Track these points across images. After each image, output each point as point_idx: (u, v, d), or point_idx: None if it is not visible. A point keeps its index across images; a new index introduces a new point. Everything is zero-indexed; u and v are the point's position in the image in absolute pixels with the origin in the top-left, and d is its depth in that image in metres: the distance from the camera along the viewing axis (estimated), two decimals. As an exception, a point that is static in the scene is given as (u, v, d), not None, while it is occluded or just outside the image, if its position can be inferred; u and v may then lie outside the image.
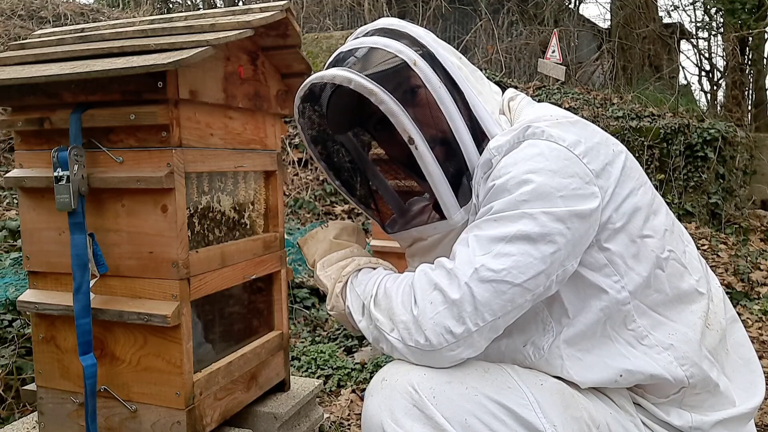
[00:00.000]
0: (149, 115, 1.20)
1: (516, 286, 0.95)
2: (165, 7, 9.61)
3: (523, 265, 0.95)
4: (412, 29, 1.11)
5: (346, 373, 2.45)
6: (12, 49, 1.46)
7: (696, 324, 1.07)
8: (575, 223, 0.97)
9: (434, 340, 0.97)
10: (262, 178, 1.58)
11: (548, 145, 1.00)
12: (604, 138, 1.07)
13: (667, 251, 1.06)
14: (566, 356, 1.05)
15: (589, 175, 0.99)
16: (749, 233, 5.33)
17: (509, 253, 0.95)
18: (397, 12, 8.79)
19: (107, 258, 1.26)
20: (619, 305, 1.03)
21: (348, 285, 1.14)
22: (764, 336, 3.08)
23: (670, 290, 1.06)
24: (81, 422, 1.32)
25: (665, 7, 19.68)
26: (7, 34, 4.90)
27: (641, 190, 1.05)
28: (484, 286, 0.95)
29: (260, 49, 1.50)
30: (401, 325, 1.00)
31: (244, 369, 1.46)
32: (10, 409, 1.96)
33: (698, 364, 1.05)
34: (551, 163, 0.98)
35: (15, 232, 2.98)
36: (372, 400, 1.02)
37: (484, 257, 0.96)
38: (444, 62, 1.08)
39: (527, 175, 0.97)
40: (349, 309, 1.11)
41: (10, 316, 2.23)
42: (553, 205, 0.96)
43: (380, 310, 1.05)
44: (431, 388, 0.98)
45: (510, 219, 0.97)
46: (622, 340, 1.05)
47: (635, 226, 1.03)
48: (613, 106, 5.95)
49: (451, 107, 1.06)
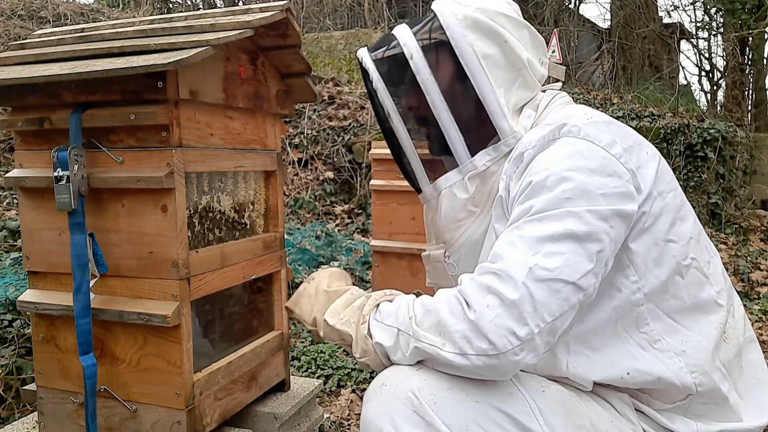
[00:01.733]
0: (149, 115, 1.20)
1: (570, 284, 0.93)
2: (165, 7, 9.60)
3: (574, 263, 0.94)
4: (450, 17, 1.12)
5: (346, 373, 2.45)
6: (12, 49, 1.46)
7: (712, 334, 1.05)
8: (617, 222, 0.97)
9: (499, 343, 0.91)
10: (262, 178, 1.58)
11: (585, 144, 1.00)
12: (638, 140, 1.08)
13: (689, 259, 1.05)
14: (573, 352, 1.04)
15: (627, 174, 0.99)
16: (749, 233, 5.33)
17: (559, 251, 0.94)
18: (397, 12, 8.78)
19: (107, 258, 1.26)
20: (632, 306, 1.02)
21: (372, 323, 1.06)
22: (764, 336, 3.08)
23: (688, 298, 1.05)
24: (81, 422, 1.32)
25: (665, 7, 19.69)
26: (7, 34, 4.90)
27: (671, 195, 1.05)
28: (540, 285, 0.92)
29: (260, 49, 1.50)
30: (457, 335, 0.94)
31: (244, 369, 1.46)
32: (10, 409, 1.96)
33: (708, 374, 1.03)
34: (590, 161, 0.98)
35: (15, 232, 2.98)
36: (371, 406, 1.00)
37: (535, 257, 0.94)
38: (462, 54, 1.10)
39: (567, 173, 0.97)
40: (381, 347, 1.03)
41: (10, 316, 2.22)
42: (596, 203, 0.96)
43: (425, 328, 0.98)
44: (432, 394, 0.96)
45: (555, 218, 0.96)
46: (633, 341, 1.04)
47: (661, 229, 1.02)
48: (613, 106, 5.95)
49: (437, 98, 1.12)
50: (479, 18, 1.11)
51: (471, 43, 1.10)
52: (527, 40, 1.16)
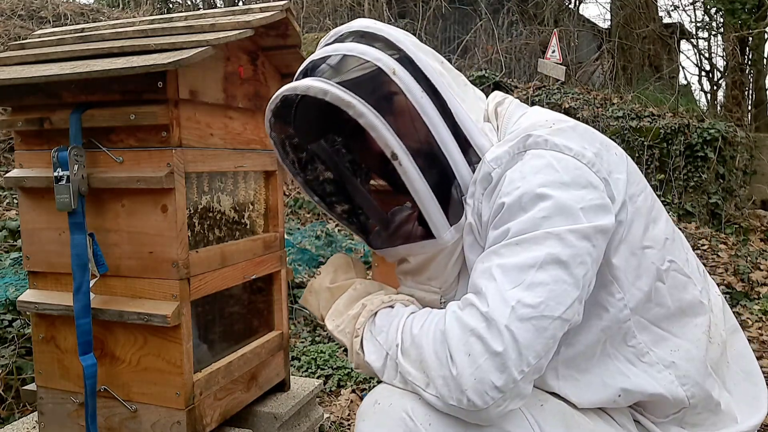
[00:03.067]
0: (149, 115, 1.20)
1: (556, 319, 0.86)
2: (165, 7, 9.60)
3: (559, 293, 0.86)
4: (388, 32, 1.01)
5: (346, 373, 2.45)
6: (12, 49, 1.46)
7: (701, 340, 1.01)
8: (599, 239, 0.90)
9: (478, 401, 0.85)
10: (262, 178, 1.58)
11: (554, 155, 0.93)
12: (605, 142, 1.01)
13: (667, 262, 0.99)
14: (562, 376, 1.00)
15: (601, 184, 0.93)
16: (749, 233, 5.33)
17: (543, 281, 0.86)
18: (397, 12, 8.78)
19: (107, 258, 1.26)
20: (619, 323, 0.97)
21: (365, 336, 1.01)
22: (764, 336, 3.08)
23: (672, 303, 1.00)
24: (81, 422, 1.32)
25: (665, 7, 19.68)
26: (7, 34, 4.90)
27: (641, 197, 0.99)
28: (525, 326, 0.84)
29: (260, 49, 1.50)
30: (439, 381, 0.88)
31: (244, 369, 1.46)
32: (10, 409, 1.96)
33: (700, 384, 1.01)
34: (562, 174, 0.91)
35: (15, 232, 2.98)
36: (364, 425, 0.96)
37: (516, 291, 0.86)
38: (425, 68, 0.98)
39: (541, 189, 0.89)
40: (371, 366, 0.99)
41: (10, 316, 2.22)
42: (576, 221, 0.88)
43: (410, 361, 0.94)
44: (426, 414, 0.92)
45: (534, 241, 0.88)
46: (621, 357, 1.00)
47: (635, 236, 0.96)
48: (613, 106, 5.95)
49: (435, 118, 0.97)
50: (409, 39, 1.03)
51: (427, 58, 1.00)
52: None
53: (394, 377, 0.96)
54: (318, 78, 0.95)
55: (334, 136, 1.09)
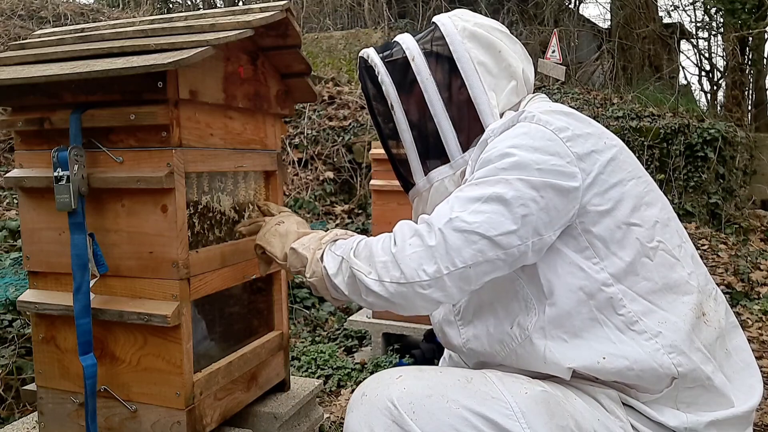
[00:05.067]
0: (149, 115, 1.20)
1: (486, 238, 1.03)
2: (165, 7, 9.61)
3: (495, 221, 1.03)
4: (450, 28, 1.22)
5: (346, 373, 2.45)
6: (12, 49, 1.46)
7: (687, 315, 1.07)
8: (549, 193, 1.04)
9: (408, 274, 1.05)
10: (262, 178, 1.58)
11: (536, 127, 1.09)
12: (598, 131, 1.13)
13: (656, 241, 1.09)
14: (550, 336, 1.08)
15: (570, 156, 1.06)
16: (749, 233, 5.33)
17: (483, 211, 1.04)
18: (397, 12, 8.78)
19: (107, 258, 1.26)
20: (599, 285, 1.06)
21: (326, 250, 1.20)
22: (764, 336, 3.08)
23: (659, 279, 1.08)
24: (81, 422, 1.32)
25: (665, 7, 19.63)
26: (7, 34, 4.91)
27: (632, 182, 1.10)
28: (457, 235, 1.03)
29: (260, 49, 1.50)
30: (380, 265, 1.08)
31: (244, 369, 1.47)
32: (10, 409, 1.96)
33: (687, 354, 1.05)
34: (535, 141, 1.07)
35: (15, 232, 2.99)
36: (352, 416, 1.03)
37: (460, 212, 1.05)
38: (459, 59, 1.20)
39: (510, 149, 1.07)
40: (326, 270, 1.17)
41: (10, 316, 2.23)
42: (529, 174, 1.04)
43: (360, 258, 1.12)
44: (411, 402, 0.98)
45: (488, 183, 1.06)
46: (611, 324, 1.06)
47: (622, 213, 1.07)
48: (613, 106, 5.95)
49: (434, 95, 1.21)
50: (477, 30, 1.22)
51: (468, 50, 1.21)
52: (521, 53, 1.27)
53: (345, 276, 1.14)
54: (378, 51, 1.29)
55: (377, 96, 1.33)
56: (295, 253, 1.24)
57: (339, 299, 1.21)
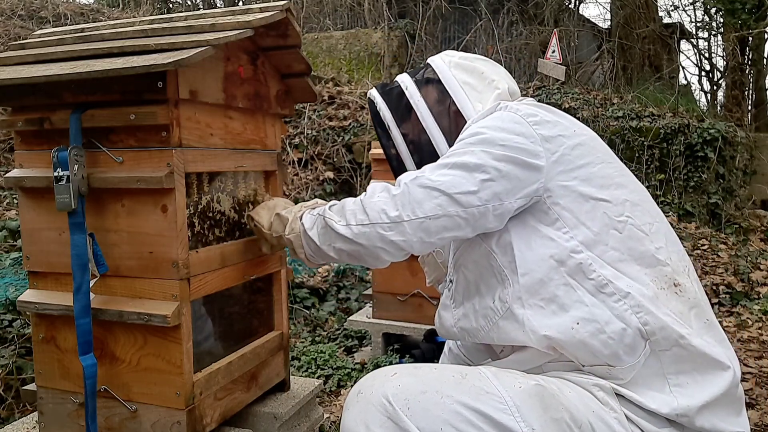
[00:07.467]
0: (149, 115, 1.20)
1: (446, 195, 1.14)
2: (165, 7, 9.61)
3: (456, 182, 1.14)
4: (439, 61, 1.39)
5: (346, 373, 2.45)
6: (12, 49, 1.46)
7: (649, 285, 1.12)
8: (510, 165, 1.14)
9: (372, 216, 1.18)
10: (262, 178, 1.58)
11: (507, 114, 1.20)
12: (569, 122, 1.22)
13: (624, 216, 1.16)
14: (528, 305, 1.14)
15: (534, 137, 1.16)
16: (749, 233, 5.33)
17: (447, 174, 1.16)
18: (397, 12, 8.78)
19: (107, 258, 1.26)
20: (568, 252, 1.12)
21: (306, 212, 1.32)
22: (764, 336, 3.08)
23: (625, 250, 1.14)
24: (81, 422, 1.32)
25: (665, 7, 19.62)
26: (7, 34, 4.91)
27: (601, 165, 1.19)
28: (420, 189, 1.16)
29: (260, 49, 1.50)
30: (348, 212, 1.22)
31: (244, 369, 1.47)
32: (10, 409, 1.96)
33: (653, 313, 1.08)
34: (503, 123, 1.18)
35: (15, 232, 2.99)
36: (348, 414, 1.05)
37: (428, 174, 1.18)
38: (446, 81, 1.36)
39: (479, 129, 1.19)
40: (303, 226, 1.28)
41: (10, 316, 2.23)
42: (493, 148, 1.15)
43: (333, 210, 1.25)
44: (405, 399, 1.00)
45: (456, 155, 1.18)
46: (583, 288, 1.12)
47: (590, 189, 1.16)
48: (613, 106, 5.95)
49: (425, 112, 1.35)
50: (462, 61, 1.38)
51: (454, 75, 1.36)
52: (503, 74, 1.39)
53: (318, 227, 1.25)
54: (378, 89, 1.45)
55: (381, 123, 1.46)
56: (278, 218, 1.35)
57: (311, 258, 1.30)
